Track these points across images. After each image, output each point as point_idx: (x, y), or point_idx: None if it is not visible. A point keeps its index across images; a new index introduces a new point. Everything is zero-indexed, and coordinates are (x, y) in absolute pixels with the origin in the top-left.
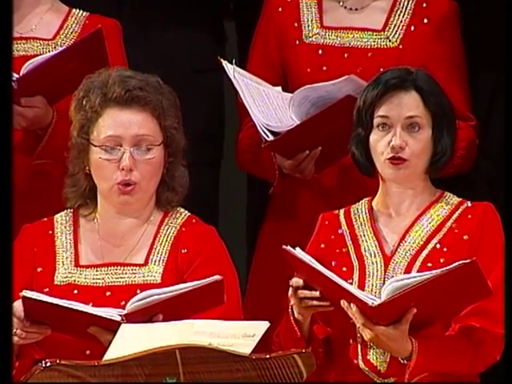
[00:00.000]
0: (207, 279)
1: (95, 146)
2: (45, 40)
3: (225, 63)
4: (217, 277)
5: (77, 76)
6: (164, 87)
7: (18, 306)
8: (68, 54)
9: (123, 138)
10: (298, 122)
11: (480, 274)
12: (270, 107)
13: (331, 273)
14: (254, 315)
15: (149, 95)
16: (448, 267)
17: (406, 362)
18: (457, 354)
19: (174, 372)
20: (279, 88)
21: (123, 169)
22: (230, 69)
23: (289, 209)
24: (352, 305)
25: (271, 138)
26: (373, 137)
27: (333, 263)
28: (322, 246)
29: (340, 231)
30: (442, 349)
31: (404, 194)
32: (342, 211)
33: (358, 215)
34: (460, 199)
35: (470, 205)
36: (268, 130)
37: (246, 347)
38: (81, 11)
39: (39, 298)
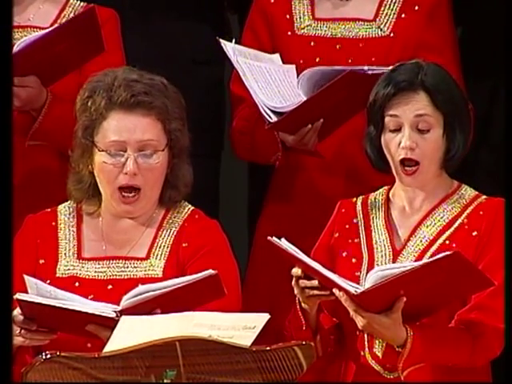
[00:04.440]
0: (200, 274)
1: (100, 150)
2: (42, 29)
3: (223, 43)
4: (210, 271)
5: (71, 57)
6: (169, 88)
7: (16, 310)
8: (61, 32)
9: (127, 144)
10: (304, 98)
11: (468, 265)
12: (272, 85)
13: (315, 262)
14: (253, 304)
15: (154, 100)
16: (431, 258)
17: (400, 350)
18: (454, 345)
19: (174, 364)
20: (277, 56)
21: (127, 173)
22: (230, 49)
23: (288, 195)
24: (342, 293)
25: (274, 118)
26: (384, 137)
27: (343, 254)
28: (336, 235)
29: (355, 221)
30: (438, 339)
31: (418, 190)
32: (359, 199)
33: (375, 205)
34: (475, 193)
35: (483, 200)
36: (271, 110)
37: (246, 339)
38: (78, 1)
39: (33, 300)
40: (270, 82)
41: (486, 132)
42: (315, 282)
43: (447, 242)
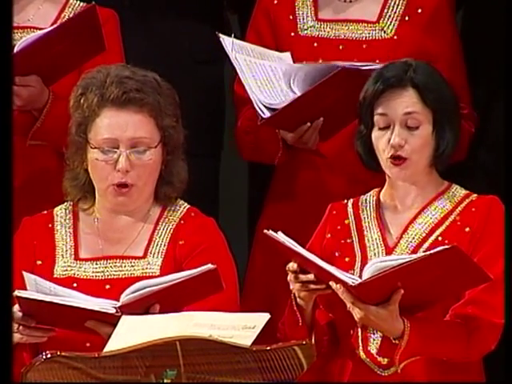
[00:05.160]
0: (200, 268)
1: (92, 147)
2: (42, 29)
3: (222, 37)
4: (210, 266)
5: (72, 56)
6: (162, 85)
7: (15, 307)
8: (62, 30)
9: (120, 141)
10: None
11: (466, 259)
12: (274, 83)
13: (312, 255)
14: (253, 303)
15: (146, 96)
16: (430, 252)
17: (397, 341)
18: (450, 339)
19: (174, 364)
20: (288, 54)
21: (119, 170)
22: (228, 43)
23: (288, 194)
24: (339, 285)
25: (268, 114)
26: (374, 135)
27: (336, 254)
28: (328, 235)
29: (346, 221)
30: (434, 332)
31: (409, 188)
32: (350, 201)
33: (366, 206)
34: (467, 192)
35: (475, 197)
36: (266, 107)
37: (246, 339)
38: (78, 1)
39: (32, 297)
40: (273, 81)
41: (484, 131)
42: (311, 276)
43: (440, 238)
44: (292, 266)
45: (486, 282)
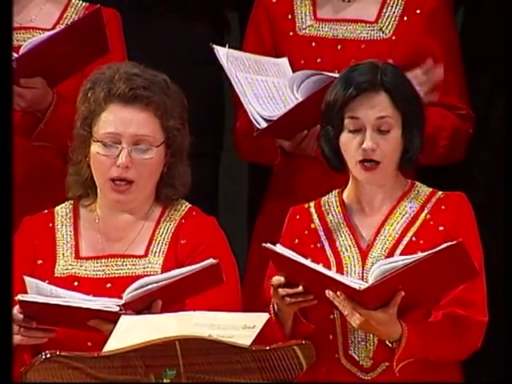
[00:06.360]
0: (202, 263)
1: (95, 141)
2: (44, 30)
3: (217, 49)
4: (211, 260)
5: (77, 58)
6: (171, 87)
7: (15, 309)
8: (67, 33)
9: (122, 136)
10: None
11: (466, 255)
12: (277, 99)
13: (314, 264)
14: (251, 302)
15: (152, 95)
16: (435, 249)
17: (394, 345)
18: (444, 339)
19: (173, 363)
20: (285, 59)
21: (119, 166)
22: (223, 55)
23: (287, 195)
24: (339, 292)
25: (264, 125)
26: (343, 137)
27: (308, 259)
28: (296, 241)
29: (313, 226)
30: (430, 333)
31: (376, 191)
32: (312, 204)
33: (330, 208)
34: (431, 189)
35: (442, 195)
36: (262, 117)
37: (245, 339)
38: (80, 1)
39: (35, 301)
40: (276, 97)
41: (483, 131)
42: (299, 289)
43: (414, 238)
44: (277, 279)
45: (473, 278)
